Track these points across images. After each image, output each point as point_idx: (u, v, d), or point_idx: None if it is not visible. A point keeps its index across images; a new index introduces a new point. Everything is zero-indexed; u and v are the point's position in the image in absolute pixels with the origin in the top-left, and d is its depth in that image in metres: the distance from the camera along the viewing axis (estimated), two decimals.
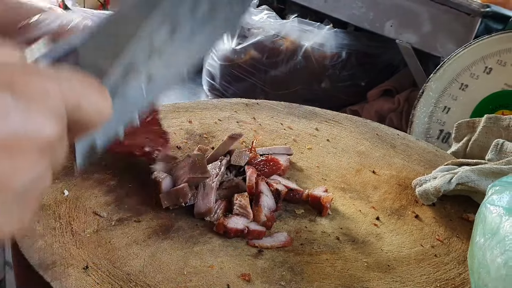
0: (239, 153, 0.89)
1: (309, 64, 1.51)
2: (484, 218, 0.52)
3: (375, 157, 1.03)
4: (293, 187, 0.87)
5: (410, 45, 1.34)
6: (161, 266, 0.68)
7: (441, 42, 1.28)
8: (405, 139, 1.10)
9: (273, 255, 0.74)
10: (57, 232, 0.72)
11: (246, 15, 0.81)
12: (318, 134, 1.09)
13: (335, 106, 1.52)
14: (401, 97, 1.48)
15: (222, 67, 1.62)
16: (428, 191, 0.88)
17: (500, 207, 0.51)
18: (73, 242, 0.70)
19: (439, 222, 0.86)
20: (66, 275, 0.64)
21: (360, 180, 0.95)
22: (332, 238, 0.80)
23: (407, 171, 0.99)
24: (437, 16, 1.27)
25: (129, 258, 0.69)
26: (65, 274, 0.64)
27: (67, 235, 0.71)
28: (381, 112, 1.51)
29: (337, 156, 1.02)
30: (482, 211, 0.54)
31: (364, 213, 0.86)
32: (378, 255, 0.77)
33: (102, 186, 0.83)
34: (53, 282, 0.63)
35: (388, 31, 1.38)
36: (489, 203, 0.53)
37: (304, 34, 1.49)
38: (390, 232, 0.82)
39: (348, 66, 1.52)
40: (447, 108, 1.21)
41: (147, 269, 0.67)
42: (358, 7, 1.42)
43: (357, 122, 1.15)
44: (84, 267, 0.66)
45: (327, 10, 1.50)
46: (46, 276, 0.63)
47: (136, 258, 0.69)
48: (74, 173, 0.83)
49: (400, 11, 1.34)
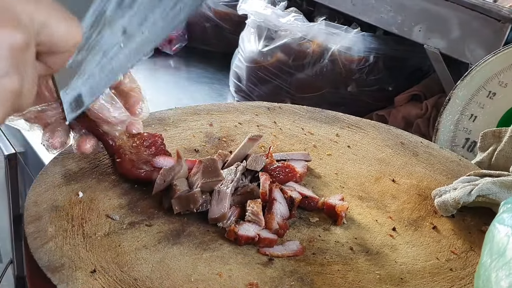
0: (256, 158, 0.88)
1: (336, 67, 1.49)
2: (492, 237, 0.50)
3: (396, 165, 1.01)
4: (308, 194, 0.86)
5: (438, 50, 1.31)
6: (169, 272, 0.68)
7: (469, 48, 1.25)
8: (428, 147, 1.08)
9: (283, 264, 0.73)
10: (69, 234, 0.72)
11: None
12: (339, 140, 1.07)
13: (361, 110, 1.50)
14: (429, 103, 1.45)
15: (248, 68, 1.61)
16: (447, 203, 0.86)
17: (509, 227, 0.49)
18: (83, 244, 0.70)
19: (458, 235, 0.84)
20: (73, 278, 0.64)
21: (379, 188, 0.94)
22: (346, 248, 0.78)
23: (428, 180, 0.97)
24: (466, 22, 1.24)
25: (137, 263, 0.69)
26: (72, 277, 0.64)
27: (78, 237, 0.72)
28: (408, 117, 1.48)
29: (357, 163, 1.00)
30: (491, 230, 0.52)
31: (380, 223, 0.85)
32: (391, 267, 0.75)
33: (116, 188, 0.83)
34: (60, 285, 0.63)
35: (416, 35, 1.35)
36: (498, 222, 0.52)
37: (331, 37, 1.47)
38: (405, 243, 0.81)
39: (376, 70, 1.50)
40: (474, 116, 1.18)
41: (155, 274, 0.67)
42: (386, 11, 1.40)
43: (380, 129, 1.13)
44: (92, 270, 0.66)
45: (355, 13, 1.48)
46: (54, 279, 0.64)
47: (144, 263, 0.69)
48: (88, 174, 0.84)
49: (428, 16, 1.31)
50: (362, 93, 1.53)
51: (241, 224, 0.77)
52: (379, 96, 1.54)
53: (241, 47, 1.66)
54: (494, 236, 0.50)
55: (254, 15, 1.57)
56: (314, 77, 1.52)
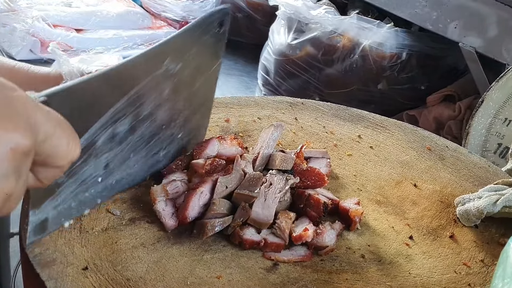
0: (285, 157, 0.83)
1: (366, 63, 1.44)
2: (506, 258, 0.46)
3: (420, 169, 0.96)
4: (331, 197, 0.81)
5: (474, 49, 1.24)
6: (165, 273, 0.65)
7: (507, 47, 1.18)
8: (456, 151, 1.02)
9: (288, 270, 0.69)
10: (65, 228, 0.69)
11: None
12: (361, 140, 1.02)
13: (391, 109, 1.45)
14: (463, 104, 1.39)
15: (276, 62, 1.57)
16: (469, 212, 0.80)
17: None
18: (79, 239, 0.68)
19: (480, 247, 0.78)
20: (63, 275, 0.62)
21: (398, 193, 0.89)
22: (357, 255, 0.74)
23: (452, 187, 0.92)
24: (504, 20, 1.17)
25: (132, 262, 0.65)
26: (62, 274, 0.62)
27: (74, 231, 0.69)
28: (440, 119, 1.42)
29: (378, 165, 0.95)
30: (506, 250, 0.47)
31: (397, 231, 0.80)
32: (404, 279, 0.71)
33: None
34: (48, 281, 0.60)
35: (452, 32, 1.29)
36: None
37: (362, 32, 1.42)
38: (422, 254, 0.76)
39: (408, 68, 1.44)
40: (508, 121, 1.12)
41: (149, 275, 0.64)
42: (421, 6, 1.34)
43: (406, 130, 1.08)
44: (83, 267, 0.63)
45: (390, 8, 1.43)
46: (43, 274, 0.61)
47: (139, 263, 0.66)
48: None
49: (465, 12, 1.25)
50: (393, 91, 1.47)
51: (247, 228, 0.73)
52: (410, 95, 1.48)
53: (270, 39, 1.61)
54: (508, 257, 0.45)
55: (284, 6, 1.52)
56: (344, 73, 1.47)
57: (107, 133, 0.65)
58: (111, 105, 0.64)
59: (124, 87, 0.65)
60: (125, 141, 0.69)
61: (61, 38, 1.83)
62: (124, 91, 0.65)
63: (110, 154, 0.68)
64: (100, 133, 0.64)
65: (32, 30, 1.78)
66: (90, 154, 0.64)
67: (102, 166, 0.68)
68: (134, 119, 0.69)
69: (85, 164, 0.64)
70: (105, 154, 0.67)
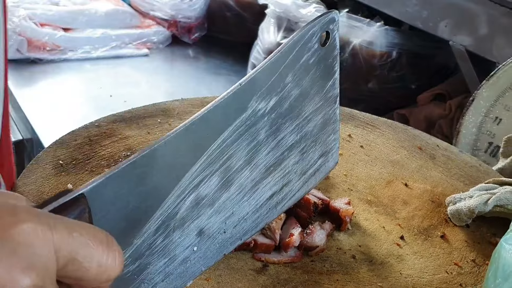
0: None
1: (356, 62, 1.43)
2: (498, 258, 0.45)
3: (411, 168, 0.95)
4: (322, 197, 0.81)
5: (464, 47, 1.24)
6: None
7: (497, 46, 1.18)
8: (447, 150, 1.02)
9: (278, 271, 0.68)
10: None
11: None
12: (351, 139, 1.01)
13: (382, 108, 1.44)
14: (453, 103, 1.38)
15: None
16: (460, 211, 0.80)
17: None
18: None
19: (471, 247, 0.78)
20: None
21: (389, 193, 0.88)
22: (348, 256, 0.73)
23: (443, 186, 0.91)
24: (495, 18, 1.17)
25: None
26: None
27: None
28: (430, 118, 1.41)
29: (368, 165, 0.95)
30: (498, 249, 0.47)
31: (387, 231, 0.79)
32: (395, 280, 0.70)
33: None
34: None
35: (442, 31, 1.28)
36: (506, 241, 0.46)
37: (352, 30, 1.41)
38: (413, 254, 0.75)
39: (398, 67, 1.43)
40: (499, 119, 1.11)
41: None
42: (412, 4, 1.33)
43: (397, 129, 1.07)
44: None
45: (380, 6, 1.42)
46: None
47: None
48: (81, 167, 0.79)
49: (455, 11, 1.25)
50: (383, 90, 1.47)
51: None
52: (401, 94, 1.48)
53: (260, 38, 1.60)
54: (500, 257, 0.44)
55: (273, 5, 1.51)
56: None
57: (188, 201, 0.58)
58: (185, 173, 0.57)
59: (198, 148, 0.58)
60: (219, 199, 0.62)
61: (48, 37, 1.81)
62: (198, 153, 0.58)
63: (200, 219, 0.61)
64: (179, 204, 0.57)
65: (19, 29, 1.76)
66: (173, 227, 0.58)
67: (194, 234, 0.61)
68: (224, 175, 0.62)
69: (169, 240, 0.58)
70: (195, 221, 0.60)
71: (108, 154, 0.85)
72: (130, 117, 0.96)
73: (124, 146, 0.88)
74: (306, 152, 0.71)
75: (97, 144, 0.86)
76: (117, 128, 0.92)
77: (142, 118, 0.97)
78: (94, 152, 0.85)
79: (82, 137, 0.88)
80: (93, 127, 0.91)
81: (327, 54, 0.68)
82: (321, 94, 0.70)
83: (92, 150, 0.85)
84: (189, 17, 1.93)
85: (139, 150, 0.86)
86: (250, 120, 0.63)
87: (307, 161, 0.72)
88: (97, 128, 0.91)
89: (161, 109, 1.00)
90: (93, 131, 0.90)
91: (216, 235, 0.63)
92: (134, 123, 0.95)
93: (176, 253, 0.59)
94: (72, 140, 0.87)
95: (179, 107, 1.02)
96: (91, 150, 0.85)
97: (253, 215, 0.67)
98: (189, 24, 1.91)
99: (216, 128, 0.60)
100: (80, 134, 0.89)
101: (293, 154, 0.69)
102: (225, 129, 0.60)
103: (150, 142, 0.86)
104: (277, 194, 0.69)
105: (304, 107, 0.69)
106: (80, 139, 0.88)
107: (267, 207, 0.68)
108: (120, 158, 0.85)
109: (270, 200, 0.68)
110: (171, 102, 1.04)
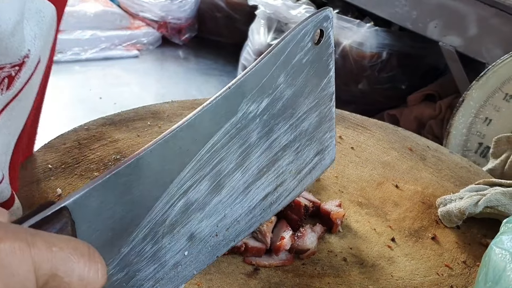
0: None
1: (347, 63, 1.43)
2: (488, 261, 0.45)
3: (401, 170, 0.95)
4: (312, 199, 0.80)
5: (454, 48, 1.24)
6: None
7: (487, 46, 1.18)
8: (437, 151, 1.02)
9: (269, 274, 0.68)
10: None
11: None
12: (342, 141, 1.01)
13: (372, 109, 1.44)
14: (444, 103, 1.38)
15: None
16: (451, 213, 0.80)
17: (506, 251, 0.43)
18: None
19: (462, 248, 0.78)
20: None
21: (380, 194, 0.88)
22: (339, 259, 0.73)
23: (434, 187, 0.91)
24: (484, 19, 1.17)
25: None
26: None
27: None
28: (421, 118, 1.42)
29: (359, 166, 0.94)
30: (488, 252, 0.46)
31: (379, 233, 0.79)
32: (386, 282, 0.70)
33: None
34: None
35: (432, 32, 1.28)
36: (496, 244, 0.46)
37: (342, 31, 1.41)
38: (404, 256, 0.75)
39: (388, 68, 1.43)
40: (488, 120, 1.12)
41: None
42: (401, 5, 1.33)
43: (387, 130, 1.07)
44: None
45: (369, 7, 1.42)
46: None
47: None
48: (70, 170, 0.79)
49: (445, 12, 1.25)
50: (373, 91, 1.47)
51: None
52: (391, 95, 1.48)
53: (250, 39, 1.60)
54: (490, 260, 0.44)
55: (264, 6, 1.51)
56: None
57: (177, 206, 0.57)
58: (173, 179, 0.56)
59: (186, 154, 0.57)
60: (210, 203, 0.61)
61: None
62: (186, 158, 0.57)
63: (192, 224, 0.60)
64: (167, 210, 0.57)
65: None
66: (162, 234, 0.57)
67: (185, 239, 0.60)
68: (215, 179, 0.61)
69: (158, 246, 0.57)
70: (185, 226, 0.60)
71: (97, 157, 0.85)
72: (119, 120, 0.96)
73: (114, 150, 0.87)
74: (301, 151, 0.70)
75: (87, 148, 0.86)
76: (106, 131, 0.92)
77: (132, 121, 0.96)
78: (84, 156, 0.84)
79: (71, 140, 0.88)
80: (82, 130, 0.91)
81: (322, 52, 0.65)
82: (316, 92, 0.68)
83: (81, 153, 0.85)
84: (179, 18, 1.92)
85: (128, 153, 0.86)
86: (240, 123, 0.61)
87: (302, 160, 0.71)
88: (86, 131, 0.91)
89: (151, 111, 1.00)
90: (82, 135, 0.90)
91: (208, 238, 0.63)
92: (123, 126, 0.94)
93: (166, 259, 0.58)
94: (61, 144, 0.86)
95: (169, 110, 1.02)
96: (81, 154, 0.84)
97: (247, 217, 0.66)
98: (179, 25, 1.90)
99: (205, 133, 0.58)
100: (69, 137, 0.88)
101: (287, 154, 0.68)
102: (214, 133, 0.59)
103: (140, 145, 0.86)
104: (271, 194, 0.68)
105: (298, 106, 0.67)
106: (69, 142, 0.87)
107: (261, 207, 0.67)
108: (110, 162, 0.84)
109: (264, 201, 0.67)
110: (161, 104, 1.03)
